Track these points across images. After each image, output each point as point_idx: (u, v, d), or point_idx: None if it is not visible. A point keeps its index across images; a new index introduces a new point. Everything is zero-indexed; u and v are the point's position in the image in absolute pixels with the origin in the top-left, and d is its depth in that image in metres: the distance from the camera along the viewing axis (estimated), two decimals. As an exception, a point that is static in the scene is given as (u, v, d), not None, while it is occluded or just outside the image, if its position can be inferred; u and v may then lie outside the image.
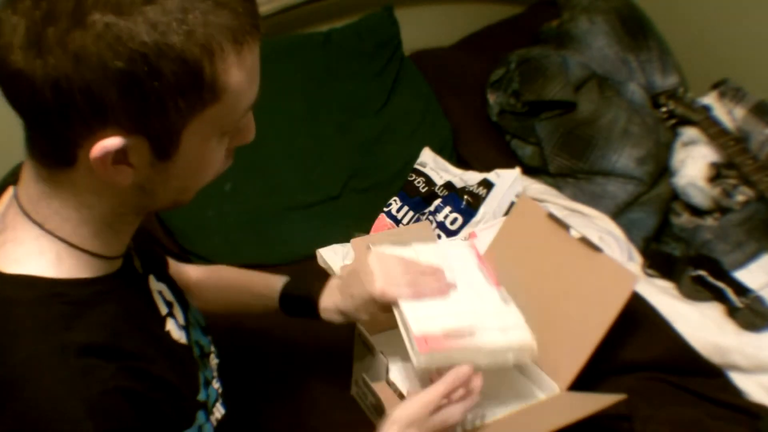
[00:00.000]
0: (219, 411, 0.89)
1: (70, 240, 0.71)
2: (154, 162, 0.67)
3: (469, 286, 1.10)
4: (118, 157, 0.65)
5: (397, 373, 1.12)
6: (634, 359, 1.28)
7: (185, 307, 0.92)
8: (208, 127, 0.67)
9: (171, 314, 0.85)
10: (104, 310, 0.71)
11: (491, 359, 1.02)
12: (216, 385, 0.91)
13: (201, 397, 0.84)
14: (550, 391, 1.13)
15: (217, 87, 0.65)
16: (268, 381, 1.23)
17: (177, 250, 1.51)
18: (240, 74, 0.66)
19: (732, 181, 1.59)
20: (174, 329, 0.84)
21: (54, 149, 0.67)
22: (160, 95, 0.62)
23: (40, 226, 0.70)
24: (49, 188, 0.70)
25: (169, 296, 0.89)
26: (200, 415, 0.82)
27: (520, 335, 1.05)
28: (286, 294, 1.10)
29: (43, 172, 0.69)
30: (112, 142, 0.63)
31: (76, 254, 0.71)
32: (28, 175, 0.71)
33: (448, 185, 1.65)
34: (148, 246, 0.91)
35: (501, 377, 1.15)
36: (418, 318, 1.00)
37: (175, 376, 0.77)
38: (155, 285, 0.86)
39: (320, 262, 1.50)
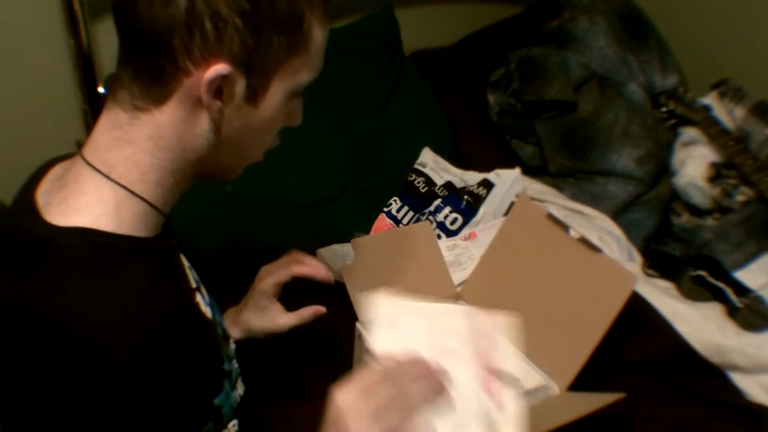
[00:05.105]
0: (241, 387, 0.92)
1: (133, 188, 0.75)
2: (241, 104, 0.75)
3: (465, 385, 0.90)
4: (218, 86, 0.72)
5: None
6: (634, 359, 1.28)
7: (209, 292, 0.95)
8: (290, 79, 0.77)
9: (199, 290, 0.89)
10: (146, 264, 0.75)
11: None
12: (236, 365, 0.94)
13: (226, 367, 0.87)
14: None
15: (309, 37, 0.75)
16: (267, 381, 1.23)
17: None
18: (321, 35, 0.77)
19: (732, 181, 1.59)
20: (202, 303, 0.88)
21: (156, 81, 0.72)
22: (270, 29, 0.72)
23: (106, 175, 0.74)
24: (126, 133, 0.75)
25: (196, 276, 0.92)
26: (227, 384, 0.85)
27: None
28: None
29: (125, 117, 0.75)
30: (224, 67, 0.71)
31: (135, 203, 0.76)
32: (102, 126, 0.77)
33: (448, 185, 1.65)
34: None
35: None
36: None
37: (204, 342, 0.81)
38: (186, 261, 0.90)
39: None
